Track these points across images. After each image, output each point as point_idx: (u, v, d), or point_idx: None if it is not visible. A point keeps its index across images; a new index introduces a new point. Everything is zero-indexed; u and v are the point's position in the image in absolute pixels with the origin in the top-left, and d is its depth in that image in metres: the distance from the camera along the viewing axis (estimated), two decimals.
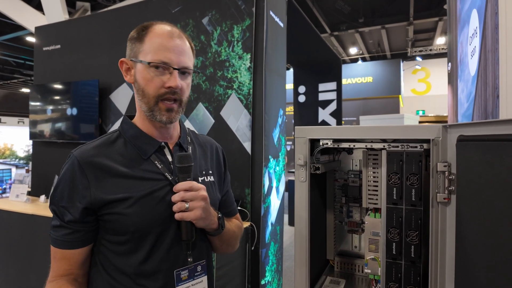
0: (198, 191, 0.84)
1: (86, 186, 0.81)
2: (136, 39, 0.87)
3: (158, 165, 0.87)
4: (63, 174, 0.84)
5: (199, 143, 1.03)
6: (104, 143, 0.88)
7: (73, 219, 0.81)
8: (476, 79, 1.59)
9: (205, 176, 0.97)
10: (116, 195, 0.81)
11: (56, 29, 3.46)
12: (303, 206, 1.08)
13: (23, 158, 8.09)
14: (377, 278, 1.12)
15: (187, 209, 0.81)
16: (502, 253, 0.64)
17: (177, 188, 0.83)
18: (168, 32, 0.86)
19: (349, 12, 7.75)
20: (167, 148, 0.92)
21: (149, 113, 0.86)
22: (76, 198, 0.81)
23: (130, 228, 0.81)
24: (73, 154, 0.85)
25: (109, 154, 0.85)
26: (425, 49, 10.65)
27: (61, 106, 3.23)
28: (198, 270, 0.90)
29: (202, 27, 2.60)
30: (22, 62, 10.87)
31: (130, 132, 0.90)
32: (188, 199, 0.82)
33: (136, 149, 0.87)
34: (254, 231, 2.35)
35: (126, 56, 0.91)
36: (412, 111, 11.56)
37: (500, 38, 1.13)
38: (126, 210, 0.81)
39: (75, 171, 0.82)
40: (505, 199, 0.64)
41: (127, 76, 0.90)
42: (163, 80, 0.84)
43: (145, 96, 0.85)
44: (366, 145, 1.07)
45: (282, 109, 2.74)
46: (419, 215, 0.98)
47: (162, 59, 0.83)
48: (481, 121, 0.75)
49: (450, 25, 2.75)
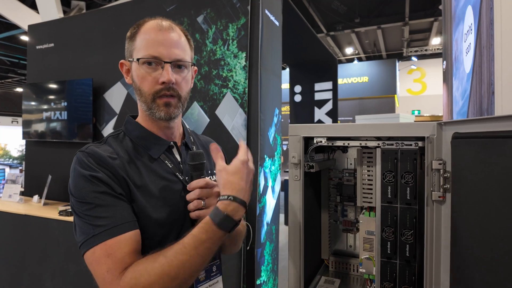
0: (213, 188, 0.82)
1: (107, 172, 0.74)
2: (130, 38, 0.85)
3: (168, 165, 0.85)
4: (74, 170, 0.75)
5: (201, 144, 1.02)
6: (113, 142, 0.83)
7: (119, 191, 0.73)
8: (471, 76, 1.59)
9: (211, 175, 0.95)
10: (140, 181, 0.77)
11: (50, 27, 3.42)
12: (297, 205, 1.07)
13: (17, 158, 8.01)
14: (372, 278, 1.11)
15: (204, 206, 0.79)
16: (498, 251, 0.63)
17: (192, 186, 0.80)
18: (158, 25, 0.82)
19: (345, 12, 7.76)
20: (175, 147, 0.90)
21: (148, 112, 0.83)
22: (109, 175, 0.74)
23: (146, 228, 0.76)
24: (79, 152, 0.77)
25: (120, 152, 0.81)
26: (420, 49, 10.70)
27: (55, 105, 3.20)
28: (213, 270, 0.89)
29: (197, 25, 2.58)
30: (16, 61, 10.78)
31: (135, 132, 0.86)
32: (204, 196, 0.80)
33: (144, 150, 0.84)
34: (250, 230, 2.33)
35: (125, 57, 0.88)
36: (408, 111, 11.61)
37: (495, 34, 1.12)
38: (143, 209, 0.76)
39: (88, 160, 0.75)
40: (501, 197, 0.63)
41: (127, 77, 0.88)
42: (156, 76, 0.80)
43: (142, 94, 0.82)
44: (360, 143, 1.06)
45: (278, 108, 2.73)
46: (414, 213, 0.97)
47: (152, 54, 0.80)
48: (476, 118, 0.74)
49: (445, 23, 2.76)
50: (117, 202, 0.72)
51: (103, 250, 0.68)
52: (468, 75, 1.67)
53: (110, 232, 0.69)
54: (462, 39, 1.87)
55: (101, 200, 0.71)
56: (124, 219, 0.71)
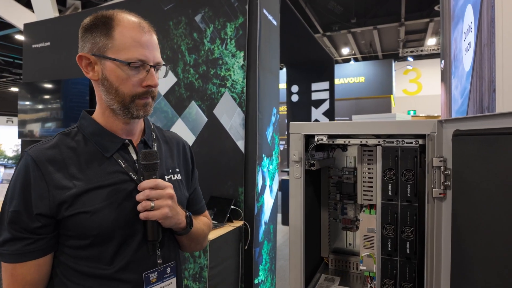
0: (165, 189, 0.80)
1: (44, 188, 0.75)
2: (100, 32, 0.79)
3: (122, 164, 0.83)
4: (17, 176, 0.77)
5: (165, 140, 0.98)
6: (61, 141, 0.81)
7: (33, 228, 0.74)
8: (471, 74, 1.60)
9: (172, 174, 0.93)
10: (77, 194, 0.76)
11: (46, 26, 3.40)
12: (298, 203, 1.07)
13: (12, 158, 7.94)
14: (372, 275, 1.11)
15: (152, 208, 0.77)
16: (499, 248, 0.64)
17: (141, 187, 0.78)
18: (138, 25, 0.80)
19: (341, 13, 7.78)
20: (131, 145, 0.87)
21: (123, 111, 0.81)
22: (34, 201, 0.74)
23: (93, 231, 0.76)
24: (28, 154, 0.77)
25: (67, 153, 0.79)
26: (416, 49, 10.77)
27: (51, 105, 3.17)
28: (167, 272, 0.87)
29: (195, 24, 2.57)
30: (11, 60, 10.69)
31: (89, 128, 0.84)
32: (153, 197, 0.78)
33: (97, 147, 0.82)
34: (248, 230, 2.33)
35: (83, 50, 0.81)
36: (404, 111, 11.68)
37: (496, 32, 1.13)
38: (87, 211, 0.76)
39: (31, 171, 0.75)
40: (502, 194, 0.63)
41: (89, 72, 0.82)
42: (140, 79, 0.79)
43: (119, 95, 0.79)
44: (361, 141, 1.06)
45: (276, 107, 2.73)
46: (414, 211, 0.97)
47: (138, 57, 0.78)
48: (477, 115, 0.74)
49: (443, 22, 2.77)
50: (26, 234, 0.75)
51: (9, 268, 0.75)
52: (468, 73, 1.68)
53: (14, 256, 0.75)
54: (462, 38, 1.88)
55: (12, 226, 0.75)
56: (28, 249, 0.75)
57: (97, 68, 0.81)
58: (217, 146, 2.44)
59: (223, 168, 2.39)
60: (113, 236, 0.78)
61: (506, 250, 0.61)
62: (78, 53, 0.82)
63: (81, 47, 0.82)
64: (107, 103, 0.82)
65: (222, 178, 2.39)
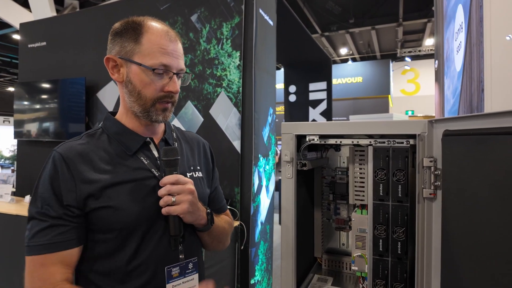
0: (185, 184, 0.83)
1: (71, 182, 0.78)
2: (129, 37, 0.84)
3: (144, 161, 0.86)
4: (45, 171, 0.80)
5: (186, 139, 1.02)
6: (88, 139, 0.86)
7: (63, 214, 0.77)
8: (462, 74, 1.60)
9: (193, 171, 0.96)
10: (103, 187, 0.79)
11: (42, 25, 3.39)
12: (289, 203, 1.07)
13: (8, 158, 7.91)
14: (364, 275, 1.11)
15: (173, 203, 0.80)
16: (488, 248, 0.64)
17: (163, 182, 0.81)
18: (166, 34, 0.85)
19: (339, 13, 7.79)
20: (152, 143, 0.91)
21: (143, 114, 0.85)
22: (64, 193, 0.77)
23: (117, 224, 0.79)
24: (56, 151, 0.82)
25: (94, 150, 0.83)
26: (414, 50, 10.78)
27: (47, 105, 3.16)
28: (189, 267, 0.88)
29: (191, 24, 2.57)
30: (8, 60, 10.66)
31: (113, 128, 0.88)
32: (174, 192, 0.81)
33: (121, 146, 0.86)
34: (244, 230, 2.33)
35: (111, 52, 0.87)
36: (402, 111, 11.69)
37: (484, 31, 1.13)
38: (112, 206, 0.79)
39: (59, 166, 0.79)
40: (491, 193, 0.63)
41: (114, 74, 0.87)
42: (163, 84, 0.84)
43: (141, 98, 0.84)
44: (352, 141, 1.06)
45: (272, 107, 2.73)
46: (405, 211, 0.98)
47: (164, 63, 0.82)
48: (466, 115, 0.74)
49: (437, 23, 2.78)
50: (59, 222, 0.77)
51: (39, 260, 0.78)
52: (459, 73, 1.69)
53: (46, 246, 0.77)
54: (453, 38, 1.89)
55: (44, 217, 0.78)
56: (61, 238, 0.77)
57: (123, 70, 0.85)
58: (213, 146, 2.41)
59: (219, 168, 2.37)
60: (136, 230, 0.81)
61: (495, 249, 0.61)
62: (106, 55, 0.87)
63: (109, 49, 0.87)
64: (129, 105, 0.87)
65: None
